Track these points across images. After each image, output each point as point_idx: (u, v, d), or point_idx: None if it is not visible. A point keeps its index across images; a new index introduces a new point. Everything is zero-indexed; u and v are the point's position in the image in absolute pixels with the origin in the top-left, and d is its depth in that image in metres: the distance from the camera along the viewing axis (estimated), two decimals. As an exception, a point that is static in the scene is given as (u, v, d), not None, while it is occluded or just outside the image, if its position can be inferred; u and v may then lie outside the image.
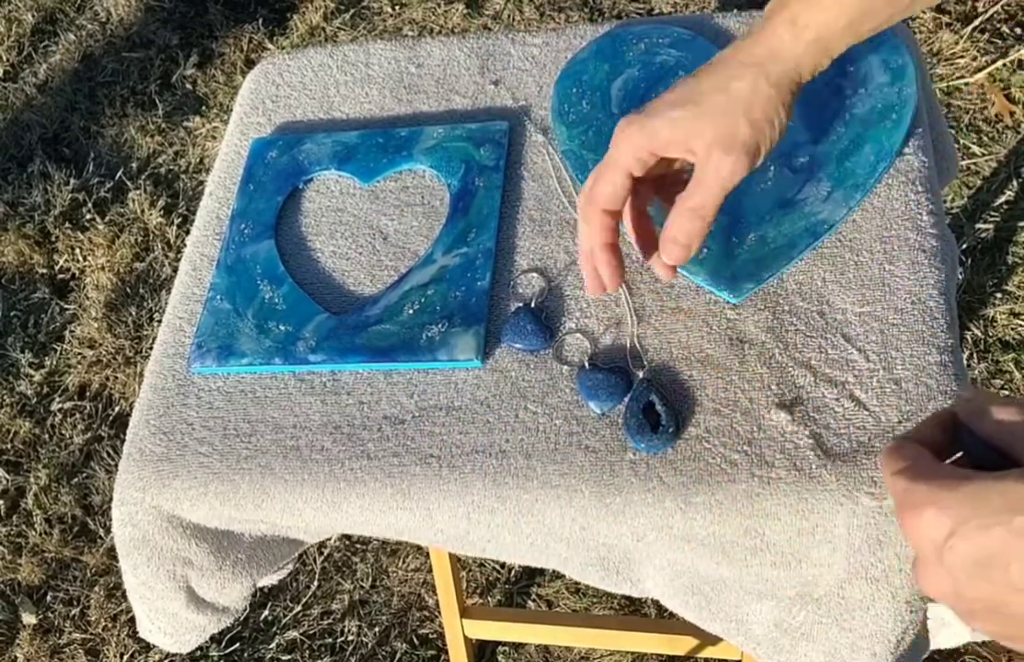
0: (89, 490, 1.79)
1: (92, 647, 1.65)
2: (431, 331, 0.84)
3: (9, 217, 2.17)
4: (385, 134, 0.98)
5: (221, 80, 2.32)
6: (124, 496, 0.83)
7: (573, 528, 0.75)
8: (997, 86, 1.99)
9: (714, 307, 0.81)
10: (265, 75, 1.08)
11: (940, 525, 0.42)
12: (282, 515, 0.81)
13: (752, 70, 0.65)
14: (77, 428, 1.86)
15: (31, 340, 2.00)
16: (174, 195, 2.15)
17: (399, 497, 0.78)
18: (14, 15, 2.54)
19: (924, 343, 0.76)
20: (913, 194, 0.84)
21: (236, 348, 0.86)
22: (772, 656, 0.80)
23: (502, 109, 0.99)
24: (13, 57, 2.46)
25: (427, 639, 1.58)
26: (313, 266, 0.92)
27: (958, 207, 1.82)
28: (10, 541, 1.76)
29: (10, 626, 1.69)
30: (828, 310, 0.79)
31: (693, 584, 0.79)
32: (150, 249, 2.08)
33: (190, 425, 0.84)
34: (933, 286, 0.79)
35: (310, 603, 1.63)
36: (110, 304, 2.00)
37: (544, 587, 1.59)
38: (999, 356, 1.66)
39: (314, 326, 0.86)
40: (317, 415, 0.82)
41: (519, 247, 0.89)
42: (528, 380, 0.81)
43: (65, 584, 1.71)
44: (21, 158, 2.27)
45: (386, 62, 1.05)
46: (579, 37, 1.01)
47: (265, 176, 0.98)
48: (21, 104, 2.37)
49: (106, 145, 2.26)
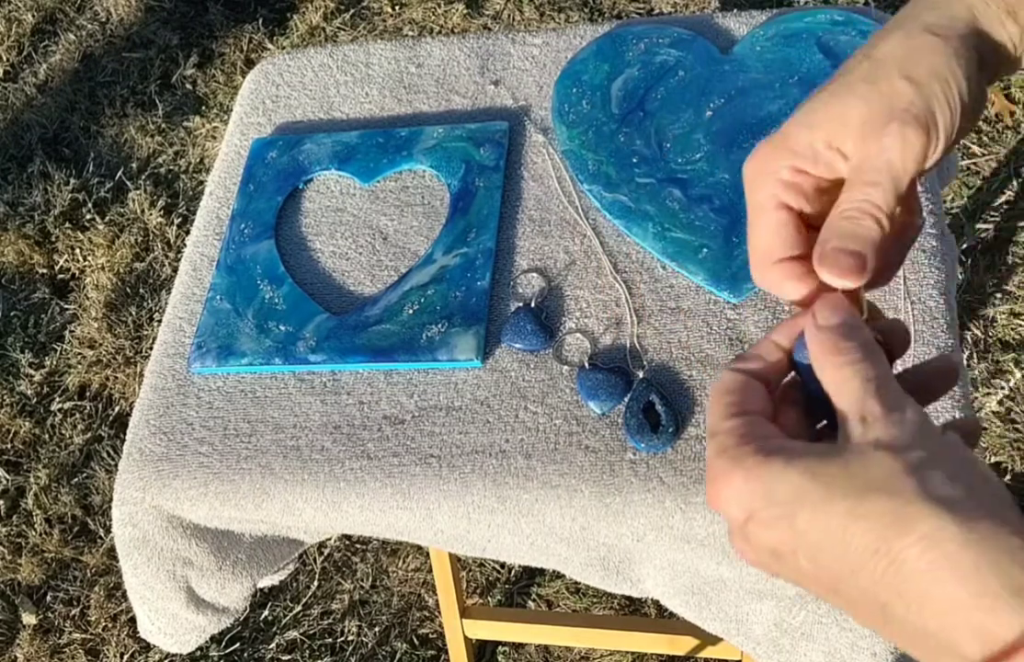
0: (89, 490, 1.79)
1: (92, 647, 1.65)
2: (431, 331, 0.84)
3: (9, 217, 2.17)
4: (385, 134, 0.98)
5: (221, 80, 2.32)
6: (124, 496, 0.83)
7: (573, 528, 0.75)
8: (997, 86, 1.99)
9: (714, 307, 0.81)
10: (265, 75, 1.08)
11: (738, 509, 0.42)
12: (282, 515, 0.81)
13: (902, 25, 0.49)
14: (77, 428, 1.86)
15: (31, 340, 2.00)
16: (174, 195, 2.15)
17: (399, 497, 0.78)
18: (14, 15, 2.54)
19: (924, 343, 0.76)
20: (913, 194, 0.84)
21: (236, 348, 0.86)
22: (772, 656, 0.80)
23: (502, 109, 0.99)
24: (13, 57, 2.46)
25: (427, 639, 1.58)
26: (313, 266, 0.92)
27: (958, 207, 1.82)
28: (10, 541, 1.76)
29: (10, 626, 1.69)
30: (828, 310, 0.79)
31: (693, 584, 0.79)
32: (150, 249, 2.08)
33: (190, 425, 0.84)
34: (933, 286, 0.79)
35: (310, 603, 1.63)
36: (110, 304, 2.00)
37: (544, 587, 1.59)
38: (999, 356, 1.66)
39: (314, 326, 0.86)
40: (317, 415, 0.82)
41: (519, 247, 0.89)
42: (528, 380, 0.81)
43: (65, 584, 1.71)
44: (21, 158, 2.27)
45: (386, 62, 1.05)
46: (579, 37, 1.01)
47: (265, 176, 0.98)
48: (21, 104, 2.37)
49: (106, 145, 2.26)
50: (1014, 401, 1.61)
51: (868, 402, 0.42)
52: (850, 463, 0.40)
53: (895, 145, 0.46)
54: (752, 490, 0.41)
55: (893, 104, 0.47)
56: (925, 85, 0.47)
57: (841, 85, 0.48)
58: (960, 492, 0.38)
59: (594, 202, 0.89)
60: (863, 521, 0.38)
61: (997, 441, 1.58)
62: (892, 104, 0.47)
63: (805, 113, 0.49)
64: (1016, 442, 1.58)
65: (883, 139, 0.46)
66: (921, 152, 0.47)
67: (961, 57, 0.47)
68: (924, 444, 0.40)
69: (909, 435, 0.40)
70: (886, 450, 0.40)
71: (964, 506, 0.37)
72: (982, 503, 0.38)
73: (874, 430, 0.41)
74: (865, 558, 0.38)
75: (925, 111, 0.47)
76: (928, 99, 0.47)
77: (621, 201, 0.88)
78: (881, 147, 0.46)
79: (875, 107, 0.47)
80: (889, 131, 0.46)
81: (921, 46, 0.48)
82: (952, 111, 0.47)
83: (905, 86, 0.47)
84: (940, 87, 0.47)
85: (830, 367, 0.44)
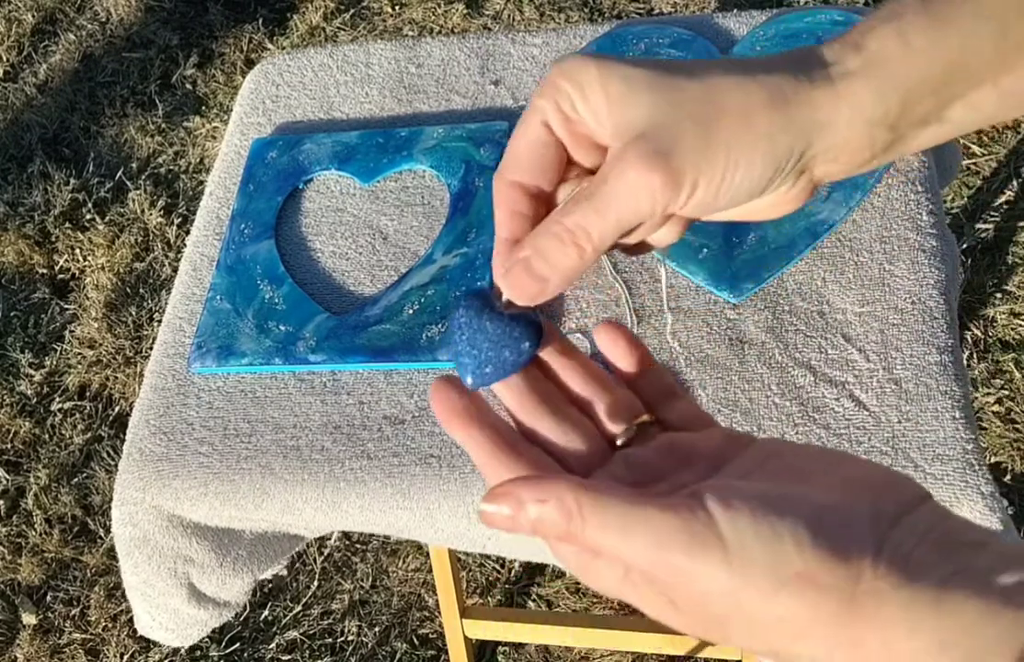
0: (89, 490, 1.79)
1: (92, 647, 1.65)
2: (431, 331, 0.84)
3: (9, 217, 2.17)
4: (385, 134, 0.98)
5: (221, 80, 2.32)
6: (124, 496, 0.83)
7: (573, 528, 0.75)
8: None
9: (714, 307, 0.81)
10: (265, 75, 1.08)
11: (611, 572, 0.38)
12: (282, 514, 0.81)
13: (781, 60, 0.42)
14: (77, 428, 1.86)
15: (31, 340, 2.00)
16: (174, 195, 2.15)
17: (399, 497, 0.78)
18: (14, 15, 2.54)
19: (924, 343, 0.76)
20: (913, 194, 0.84)
21: (236, 348, 0.86)
22: (772, 656, 0.80)
23: (502, 109, 0.99)
24: (13, 57, 2.46)
25: (427, 639, 1.58)
26: (313, 266, 0.92)
27: (958, 207, 1.82)
28: (10, 541, 1.76)
29: (10, 626, 1.69)
30: (828, 310, 0.79)
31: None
32: (150, 249, 2.08)
33: (190, 425, 0.84)
34: (933, 286, 0.79)
35: (310, 603, 1.63)
36: (110, 304, 2.00)
37: (544, 587, 1.59)
38: (999, 356, 1.66)
39: (314, 326, 0.86)
40: (317, 415, 0.82)
41: (519, 247, 0.89)
42: (528, 380, 0.81)
43: (65, 584, 1.71)
44: (21, 158, 2.27)
45: (386, 62, 1.05)
46: (579, 37, 1.01)
47: (265, 176, 0.98)
48: (21, 104, 2.37)
49: (106, 145, 2.26)
50: (1014, 401, 1.61)
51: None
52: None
53: (635, 187, 0.40)
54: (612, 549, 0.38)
55: (672, 118, 0.40)
56: (714, 133, 0.40)
57: (707, 66, 0.42)
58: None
59: (594, 202, 0.89)
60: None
61: (997, 441, 1.58)
62: (673, 115, 0.40)
63: (650, 64, 0.42)
64: (1016, 442, 1.58)
65: (628, 172, 0.40)
66: (663, 203, 0.40)
67: (787, 124, 0.40)
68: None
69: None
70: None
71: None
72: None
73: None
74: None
75: (689, 159, 0.40)
76: (705, 148, 0.40)
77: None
78: (624, 179, 0.40)
79: (665, 104, 0.40)
80: (637, 165, 0.40)
81: (758, 92, 0.40)
82: (725, 181, 0.40)
83: (702, 104, 0.40)
84: (734, 153, 0.40)
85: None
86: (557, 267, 0.41)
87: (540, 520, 0.38)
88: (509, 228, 0.43)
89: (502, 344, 0.43)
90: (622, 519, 0.37)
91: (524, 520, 0.38)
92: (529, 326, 0.43)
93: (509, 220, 0.43)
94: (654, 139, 0.40)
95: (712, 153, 0.39)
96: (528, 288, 0.42)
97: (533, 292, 0.42)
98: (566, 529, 0.37)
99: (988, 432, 1.59)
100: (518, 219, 0.43)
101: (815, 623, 0.34)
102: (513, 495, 0.38)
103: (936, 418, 0.73)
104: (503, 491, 0.39)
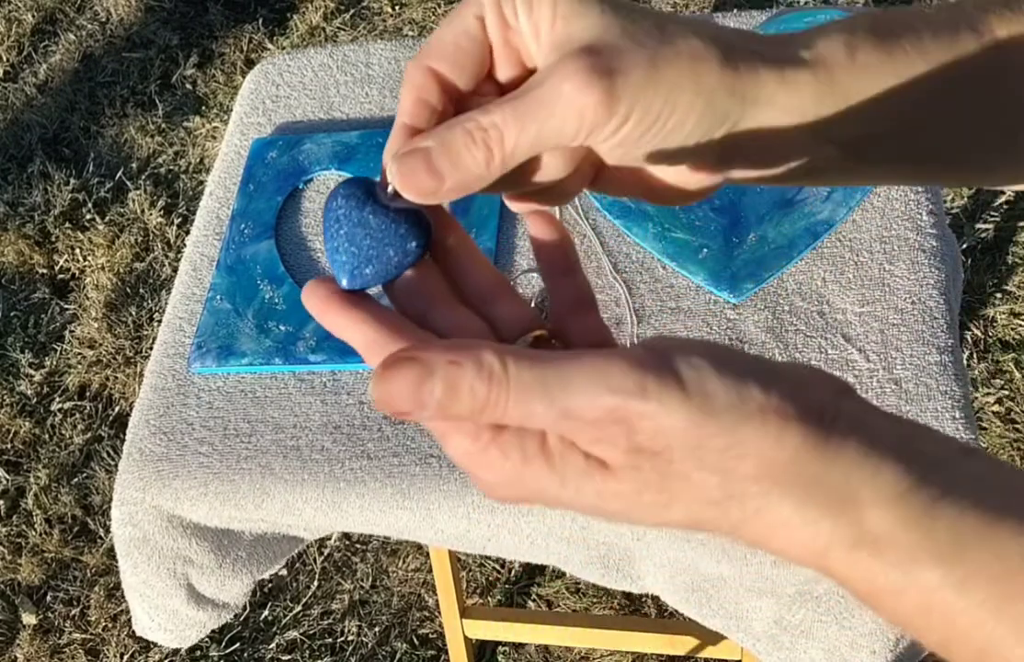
0: (89, 490, 1.79)
1: (92, 647, 1.65)
2: (431, 331, 0.84)
3: (9, 217, 2.17)
4: (385, 134, 0.98)
5: (221, 80, 2.32)
6: (124, 496, 0.83)
7: (573, 527, 0.75)
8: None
9: (714, 307, 0.81)
10: (265, 75, 1.08)
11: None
12: (282, 514, 0.81)
13: (767, 40, 0.42)
14: (77, 428, 1.86)
15: (31, 340, 2.00)
16: (174, 195, 2.15)
17: (399, 497, 0.78)
18: (14, 15, 2.54)
19: (924, 343, 0.76)
20: (913, 194, 0.84)
21: (236, 348, 0.86)
22: (772, 653, 0.80)
23: (502, 109, 0.99)
24: (13, 57, 2.46)
25: (427, 639, 1.58)
26: (313, 266, 0.92)
27: (958, 207, 1.82)
28: (10, 541, 1.76)
29: (10, 626, 1.69)
30: (828, 310, 0.79)
31: (693, 581, 0.79)
32: (150, 249, 2.08)
33: (190, 425, 0.84)
34: (933, 286, 0.79)
35: (310, 603, 1.63)
36: (110, 304, 2.00)
37: (544, 587, 1.59)
38: (999, 356, 1.66)
39: (314, 326, 0.86)
40: (317, 415, 0.82)
41: (519, 247, 0.89)
42: (528, 380, 0.81)
43: (65, 584, 1.71)
44: (21, 158, 2.27)
45: (386, 62, 1.05)
46: (579, 37, 1.01)
47: (265, 176, 0.98)
48: (21, 104, 2.37)
49: (106, 145, 2.26)
50: (1014, 401, 1.61)
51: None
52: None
53: (567, 101, 0.36)
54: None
55: (624, 39, 0.37)
56: (661, 69, 0.36)
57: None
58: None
59: (594, 202, 0.89)
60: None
61: (997, 441, 1.58)
62: (623, 40, 0.37)
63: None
64: (1016, 442, 1.58)
65: (563, 83, 0.36)
66: (589, 127, 0.36)
67: (724, 77, 0.38)
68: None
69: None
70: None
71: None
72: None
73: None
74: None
75: (631, 86, 0.36)
76: (648, 82, 0.36)
77: (621, 201, 0.88)
78: (557, 90, 0.36)
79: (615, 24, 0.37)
80: (574, 77, 0.36)
81: (713, 48, 0.38)
82: (657, 123, 0.37)
83: (659, 44, 0.37)
84: (684, 94, 0.37)
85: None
86: (459, 166, 0.37)
87: (452, 388, 0.32)
88: (411, 114, 0.39)
89: (385, 241, 0.38)
90: (560, 372, 0.33)
91: (429, 394, 0.32)
92: (418, 223, 0.38)
93: (413, 106, 0.39)
94: (598, 54, 0.36)
95: (653, 89, 0.36)
96: (421, 182, 0.37)
97: (426, 188, 0.37)
98: (484, 398, 0.32)
99: (988, 432, 1.59)
100: (424, 108, 0.39)
101: (776, 461, 0.33)
102: (418, 360, 0.33)
103: (936, 418, 0.73)
104: (404, 355, 0.33)
